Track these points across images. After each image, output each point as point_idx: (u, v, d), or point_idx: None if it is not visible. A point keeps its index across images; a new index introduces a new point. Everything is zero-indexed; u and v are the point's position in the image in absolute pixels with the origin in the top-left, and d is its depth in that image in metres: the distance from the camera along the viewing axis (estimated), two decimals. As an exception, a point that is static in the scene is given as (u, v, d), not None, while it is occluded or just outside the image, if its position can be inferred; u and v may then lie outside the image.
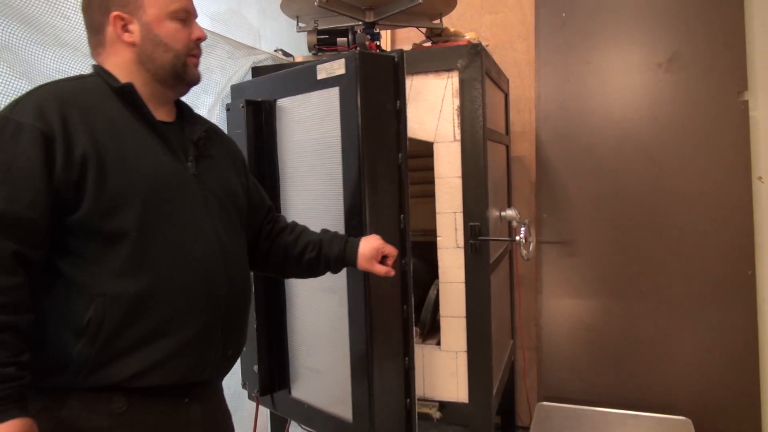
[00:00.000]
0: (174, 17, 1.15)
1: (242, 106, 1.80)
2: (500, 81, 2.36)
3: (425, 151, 2.01)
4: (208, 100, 1.96)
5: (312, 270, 1.44)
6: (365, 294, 1.50)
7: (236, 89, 1.97)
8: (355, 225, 1.54)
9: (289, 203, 1.83)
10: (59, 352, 1.01)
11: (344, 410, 1.65)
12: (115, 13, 1.12)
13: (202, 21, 1.96)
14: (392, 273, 1.41)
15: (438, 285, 2.00)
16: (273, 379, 1.90)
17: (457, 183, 1.88)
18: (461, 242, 1.90)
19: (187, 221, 1.11)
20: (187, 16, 1.17)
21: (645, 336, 2.56)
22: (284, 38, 2.59)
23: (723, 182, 2.44)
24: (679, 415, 2.39)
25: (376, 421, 1.52)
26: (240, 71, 2.05)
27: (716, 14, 2.45)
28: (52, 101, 1.02)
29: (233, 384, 2.02)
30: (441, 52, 1.91)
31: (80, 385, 1.02)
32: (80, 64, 1.49)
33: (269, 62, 2.18)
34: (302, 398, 1.85)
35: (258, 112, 1.82)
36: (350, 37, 1.99)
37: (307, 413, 1.81)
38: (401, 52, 1.57)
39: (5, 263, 0.93)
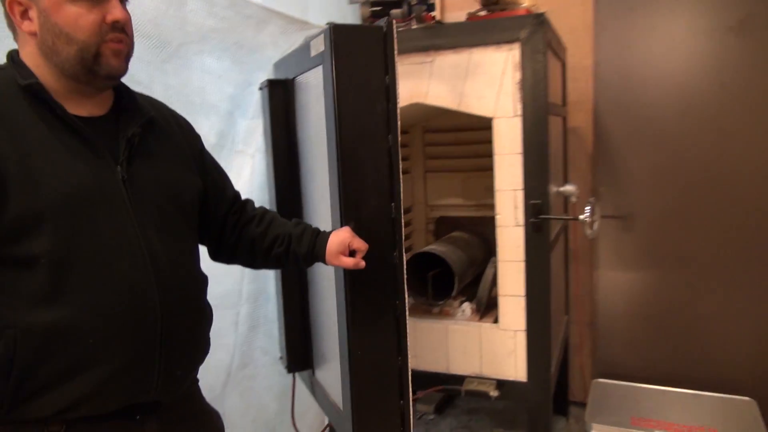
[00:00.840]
0: None
1: (265, 86, 1.77)
2: (559, 50, 2.26)
3: (477, 123, 1.94)
4: (263, 77, 1.94)
5: (281, 264, 1.36)
6: (344, 286, 1.40)
7: (276, 66, 1.94)
8: (335, 215, 1.44)
9: (305, 188, 1.78)
10: None
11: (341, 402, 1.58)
12: None
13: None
14: (362, 265, 1.30)
15: (495, 263, 1.97)
16: (299, 358, 1.89)
17: (518, 160, 1.83)
18: (521, 220, 1.85)
19: (111, 236, 0.98)
20: None
21: (706, 312, 2.49)
22: (331, 10, 2.53)
23: (796, 153, 2.32)
24: (743, 395, 2.32)
25: (360, 419, 1.43)
26: (293, 47, 2.01)
27: (794, -29, 2.28)
28: None
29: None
30: (501, 23, 1.83)
31: (5, 420, 0.93)
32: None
33: (321, 36, 2.14)
34: (320, 380, 1.82)
35: (284, 91, 1.77)
36: (405, 8, 1.93)
37: (322, 396, 1.79)
38: (390, 21, 1.40)
39: None
